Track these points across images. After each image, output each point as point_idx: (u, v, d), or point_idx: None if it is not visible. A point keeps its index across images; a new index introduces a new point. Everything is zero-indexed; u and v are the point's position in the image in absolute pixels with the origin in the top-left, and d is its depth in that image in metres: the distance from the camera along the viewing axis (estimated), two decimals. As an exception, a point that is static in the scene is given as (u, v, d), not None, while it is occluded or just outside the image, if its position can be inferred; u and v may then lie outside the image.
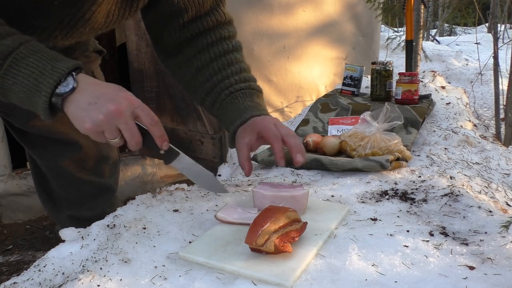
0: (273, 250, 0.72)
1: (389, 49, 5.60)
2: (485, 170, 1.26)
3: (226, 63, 1.06)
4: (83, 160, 1.23)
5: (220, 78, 1.05)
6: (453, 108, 1.66)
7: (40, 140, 1.21)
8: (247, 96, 1.05)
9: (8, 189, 2.73)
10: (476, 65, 5.87)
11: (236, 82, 1.05)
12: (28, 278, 0.74)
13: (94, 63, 1.26)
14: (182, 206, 0.98)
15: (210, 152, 2.53)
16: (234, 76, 1.05)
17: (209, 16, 1.06)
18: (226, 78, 1.05)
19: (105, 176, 1.30)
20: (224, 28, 1.09)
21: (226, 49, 1.07)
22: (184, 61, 1.09)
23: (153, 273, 0.72)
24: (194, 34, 1.06)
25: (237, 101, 1.04)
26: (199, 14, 1.05)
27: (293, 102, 3.28)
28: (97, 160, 1.26)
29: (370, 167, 1.16)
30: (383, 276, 0.69)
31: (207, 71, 1.06)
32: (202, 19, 1.06)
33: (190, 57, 1.08)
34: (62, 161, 1.22)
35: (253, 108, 1.03)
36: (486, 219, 0.87)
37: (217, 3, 1.08)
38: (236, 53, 1.08)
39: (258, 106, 1.05)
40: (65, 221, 1.30)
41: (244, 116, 1.01)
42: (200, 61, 1.07)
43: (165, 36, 1.08)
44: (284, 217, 0.77)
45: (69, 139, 1.19)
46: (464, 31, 10.95)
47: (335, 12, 3.38)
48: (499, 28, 5.81)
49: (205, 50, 1.07)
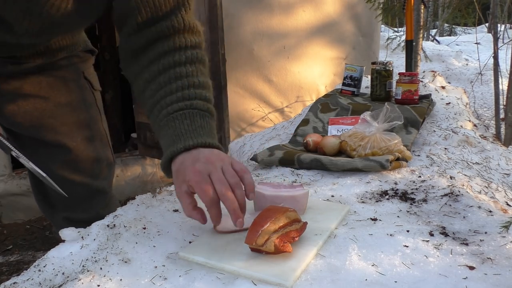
0: (273, 250, 0.72)
1: (389, 49, 5.60)
2: (485, 170, 1.26)
3: (174, 77, 0.90)
4: (75, 162, 1.22)
5: (162, 94, 0.90)
6: (453, 108, 1.66)
7: (29, 142, 1.21)
8: (186, 118, 0.87)
9: (8, 189, 2.74)
10: (476, 65, 5.88)
11: (177, 100, 0.88)
12: (28, 278, 0.74)
13: (86, 63, 1.25)
14: (182, 206, 0.98)
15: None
16: (177, 92, 0.89)
17: (165, 21, 0.92)
18: (169, 94, 0.89)
19: (100, 178, 1.28)
20: (181, 37, 0.93)
21: (177, 61, 0.91)
22: (138, 72, 0.96)
23: (153, 273, 0.72)
24: (149, 41, 0.93)
25: (173, 124, 0.87)
26: (155, 17, 0.92)
27: (293, 102, 3.29)
28: (91, 162, 1.25)
29: (370, 167, 1.16)
30: (383, 276, 0.69)
31: (153, 84, 0.92)
32: (157, 25, 0.92)
33: (142, 67, 0.95)
34: (53, 164, 1.21)
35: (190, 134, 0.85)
36: (486, 219, 0.87)
37: (178, 8, 0.93)
38: (190, 65, 0.92)
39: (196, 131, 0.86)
40: (61, 223, 1.29)
41: (177, 146, 0.84)
42: (149, 72, 0.93)
43: (122, 41, 0.98)
44: (284, 217, 0.77)
45: (58, 143, 1.18)
46: (464, 31, 10.95)
47: (335, 12, 3.39)
48: (499, 28, 5.81)
49: (156, 60, 0.92)
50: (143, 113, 2.94)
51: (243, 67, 3.05)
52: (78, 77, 1.21)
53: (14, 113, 1.14)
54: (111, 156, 1.32)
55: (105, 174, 1.30)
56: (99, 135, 1.27)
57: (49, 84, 1.15)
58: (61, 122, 1.18)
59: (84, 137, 1.22)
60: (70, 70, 1.20)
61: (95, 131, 1.25)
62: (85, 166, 1.24)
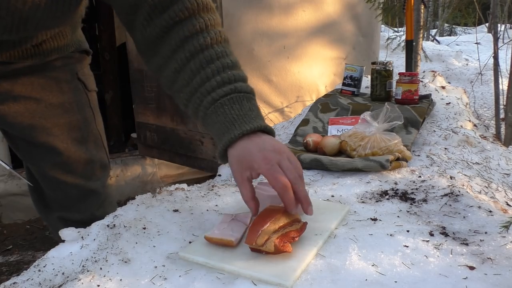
0: (273, 250, 0.72)
1: (389, 49, 5.60)
2: (485, 170, 1.26)
3: (205, 61, 0.86)
4: (67, 164, 1.21)
5: (199, 82, 0.86)
6: (453, 108, 1.66)
7: (23, 144, 1.20)
8: (235, 103, 0.85)
9: (8, 189, 2.74)
10: (476, 65, 5.88)
11: (218, 85, 0.85)
12: (28, 278, 0.74)
13: (80, 63, 1.23)
14: (182, 206, 0.98)
15: (210, 152, 2.53)
16: (215, 76, 0.86)
17: (177, 4, 0.87)
18: (206, 80, 0.86)
19: (92, 179, 1.27)
20: (198, 17, 0.87)
21: (202, 44, 0.86)
22: (163, 63, 0.92)
23: (153, 273, 0.72)
24: (165, 29, 0.88)
25: (222, 111, 0.84)
26: (165, 4, 0.87)
27: (293, 102, 3.29)
28: (84, 163, 1.24)
29: (370, 167, 1.16)
30: (383, 276, 0.69)
31: (184, 73, 0.88)
32: (169, 10, 0.87)
33: (167, 58, 0.91)
34: (45, 165, 1.21)
35: (243, 119, 0.84)
36: (486, 219, 0.87)
37: None
38: (217, 46, 0.88)
39: (248, 115, 0.85)
40: (55, 223, 1.29)
41: (233, 132, 0.82)
42: (176, 62, 0.89)
43: (138, 35, 0.93)
44: (284, 217, 0.77)
45: (48, 144, 1.18)
46: (464, 31, 10.95)
47: (335, 12, 3.39)
48: (499, 28, 5.81)
49: (180, 48, 0.88)
50: (143, 113, 2.94)
51: (243, 67, 3.05)
52: (71, 78, 1.20)
53: (5, 113, 1.13)
54: (106, 157, 1.31)
55: (99, 175, 1.29)
56: (92, 137, 1.26)
57: (41, 85, 1.14)
58: (52, 123, 1.17)
59: (76, 138, 1.21)
60: (63, 71, 1.18)
61: (87, 132, 1.24)
62: (77, 168, 1.23)
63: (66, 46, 1.16)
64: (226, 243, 0.77)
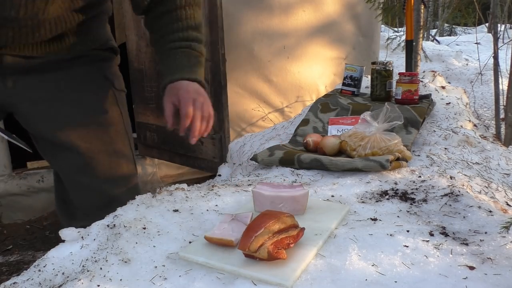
0: (267, 257, 0.70)
1: (389, 49, 5.60)
2: (485, 170, 1.26)
3: (176, 18, 1.12)
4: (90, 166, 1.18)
5: (168, 31, 1.12)
6: (453, 108, 1.66)
7: (48, 147, 1.19)
8: (185, 56, 1.11)
9: (8, 189, 2.73)
10: (476, 65, 5.87)
11: (180, 39, 1.11)
12: (28, 278, 0.74)
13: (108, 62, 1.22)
14: (182, 206, 0.98)
15: (210, 152, 2.53)
16: (179, 32, 1.12)
17: None
18: (171, 33, 1.12)
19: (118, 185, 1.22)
20: None
21: (178, 4, 1.12)
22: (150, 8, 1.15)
23: (153, 273, 0.72)
24: None
25: (174, 58, 1.11)
26: None
27: (293, 102, 3.28)
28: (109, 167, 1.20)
29: (370, 167, 1.16)
30: (383, 276, 0.69)
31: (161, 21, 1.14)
32: None
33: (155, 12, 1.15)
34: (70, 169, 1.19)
35: (185, 69, 1.10)
36: (486, 219, 0.87)
37: None
38: (188, 8, 1.13)
39: (190, 68, 1.11)
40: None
41: (176, 75, 1.09)
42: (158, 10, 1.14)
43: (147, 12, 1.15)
44: (280, 222, 0.75)
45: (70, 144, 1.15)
46: (464, 31, 10.94)
47: (335, 12, 3.38)
48: (499, 28, 5.81)
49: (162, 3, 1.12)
50: (143, 113, 2.94)
51: (243, 67, 3.04)
52: (97, 76, 1.19)
53: (28, 111, 1.13)
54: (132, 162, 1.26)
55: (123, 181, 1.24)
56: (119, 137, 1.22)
57: (65, 82, 1.13)
58: (75, 122, 1.15)
59: (100, 138, 1.18)
60: (89, 69, 1.17)
61: (113, 132, 1.21)
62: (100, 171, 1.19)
63: (90, 41, 1.16)
64: (226, 243, 0.77)
